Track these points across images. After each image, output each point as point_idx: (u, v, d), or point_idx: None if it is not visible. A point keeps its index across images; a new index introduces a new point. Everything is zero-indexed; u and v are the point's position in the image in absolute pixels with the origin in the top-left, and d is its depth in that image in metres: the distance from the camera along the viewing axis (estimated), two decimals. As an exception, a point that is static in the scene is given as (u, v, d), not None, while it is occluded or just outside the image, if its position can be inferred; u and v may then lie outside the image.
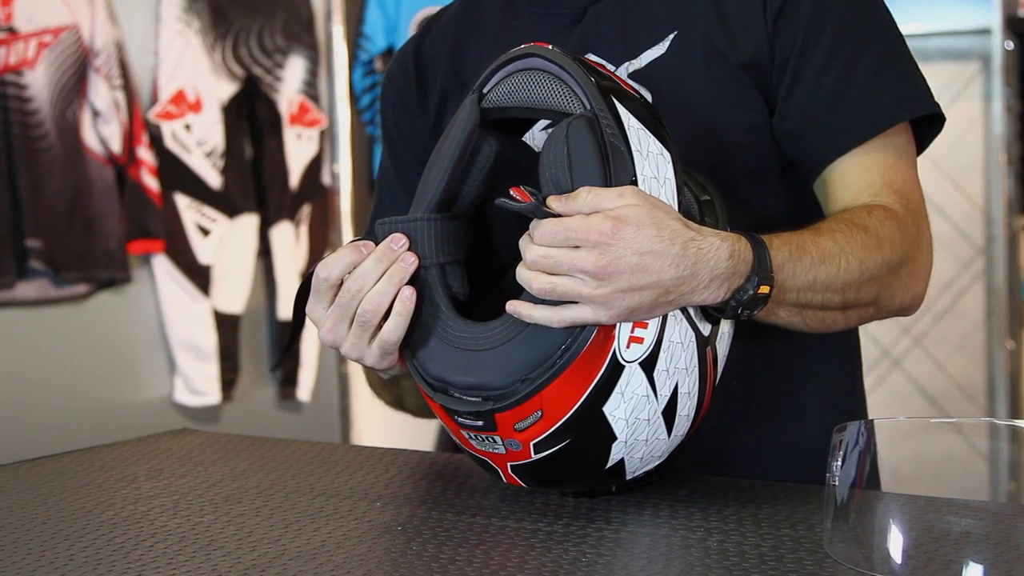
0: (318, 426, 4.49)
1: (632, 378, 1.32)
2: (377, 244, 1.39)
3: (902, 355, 5.00)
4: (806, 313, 1.44)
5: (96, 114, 3.73)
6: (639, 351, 1.31)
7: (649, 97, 1.57)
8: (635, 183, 1.30)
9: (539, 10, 1.70)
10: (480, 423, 1.34)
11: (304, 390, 4.40)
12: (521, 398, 1.30)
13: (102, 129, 3.74)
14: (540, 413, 1.31)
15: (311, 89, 4.40)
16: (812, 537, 1.28)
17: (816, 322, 1.46)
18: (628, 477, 1.42)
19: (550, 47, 1.39)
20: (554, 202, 1.28)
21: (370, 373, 1.56)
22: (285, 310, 4.30)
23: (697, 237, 1.30)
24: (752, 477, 1.54)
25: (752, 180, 1.59)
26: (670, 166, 1.35)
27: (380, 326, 1.38)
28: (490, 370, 1.32)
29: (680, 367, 1.36)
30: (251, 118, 4.23)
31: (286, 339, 4.28)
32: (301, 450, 1.84)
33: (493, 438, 1.35)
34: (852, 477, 1.20)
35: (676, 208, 1.33)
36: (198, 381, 4.05)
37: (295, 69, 4.34)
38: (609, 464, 1.38)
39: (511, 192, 1.29)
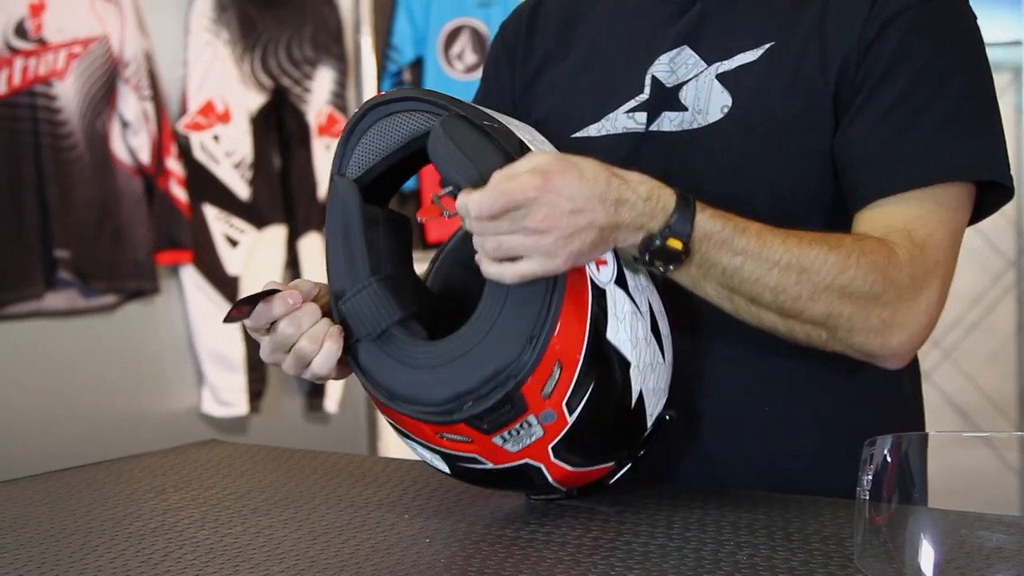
0: (346, 437, 4.49)
1: (616, 298, 1.39)
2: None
3: (932, 368, 4.98)
4: (736, 300, 1.43)
5: (125, 125, 3.75)
6: (609, 271, 1.40)
7: (693, 101, 1.60)
8: (522, 144, 1.39)
9: None
10: (510, 409, 1.35)
11: (332, 401, 4.41)
12: (536, 357, 1.33)
13: (131, 140, 3.76)
14: (559, 365, 1.34)
15: (339, 100, 4.40)
16: (843, 551, 1.28)
17: (749, 316, 1.45)
18: (649, 423, 1.46)
19: (382, 93, 1.50)
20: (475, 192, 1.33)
21: None
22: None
23: (617, 174, 1.36)
24: (808, 492, 1.53)
25: (809, 204, 1.57)
26: (539, 135, 1.47)
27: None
28: (495, 353, 1.35)
29: (644, 284, 1.45)
30: (279, 129, 4.24)
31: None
32: (329, 461, 1.85)
33: (527, 421, 1.36)
34: (883, 491, 1.19)
35: None
36: (226, 392, 4.05)
37: (324, 80, 4.35)
38: (633, 400, 1.41)
39: (431, 208, 1.39)
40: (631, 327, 1.40)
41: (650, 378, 1.43)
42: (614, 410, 1.41)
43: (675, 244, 1.36)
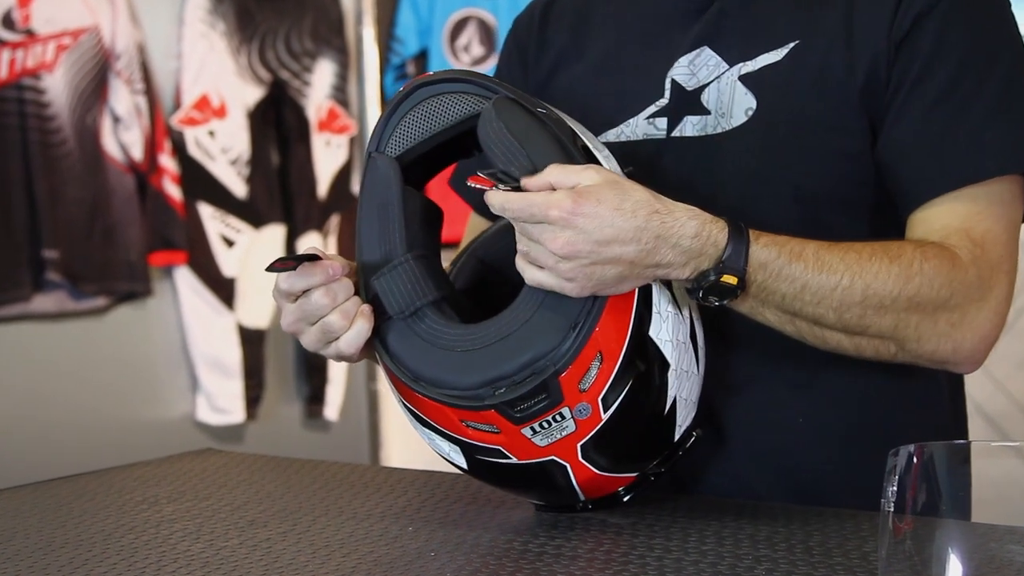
0: (347, 446, 4.49)
1: (661, 296, 1.40)
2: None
3: (960, 374, 4.97)
4: (799, 323, 1.45)
5: (116, 120, 3.75)
6: None
7: (716, 104, 1.60)
8: (577, 139, 1.41)
9: None
10: (544, 399, 1.35)
11: (332, 408, 4.41)
12: (579, 346, 1.34)
13: (123, 135, 3.76)
14: (600, 357, 1.35)
15: (341, 94, 4.41)
16: (866, 566, 1.28)
17: (814, 337, 1.47)
18: (677, 435, 1.47)
19: (431, 72, 1.49)
20: (526, 181, 1.36)
21: None
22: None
23: (662, 210, 1.36)
24: (838, 506, 1.53)
25: (840, 207, 1.57)
26: (587, 130, 1.48)
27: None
28: (535, 339, 1.36)
29: (684, 290, 1.44)
30: (278, 124, 4.24)
31: (313, 356, 4.29)
32: (329, 471, 1.85)
33: (561, 413, 1.36)
34: (908, 502, 1.19)
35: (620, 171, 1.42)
36: (221, 399, 4.06)
37: (324, 73, 4.35)
38: (667, 406, 1.42)
39: (470, 184, 1.38)
40: (673, 327, 1.41)
41: (684, 386, 1.44)
42: (648, 413, 1.43)
43: (729, 280, 1.38)
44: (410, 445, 1.49)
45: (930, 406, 1.66)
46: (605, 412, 1.38)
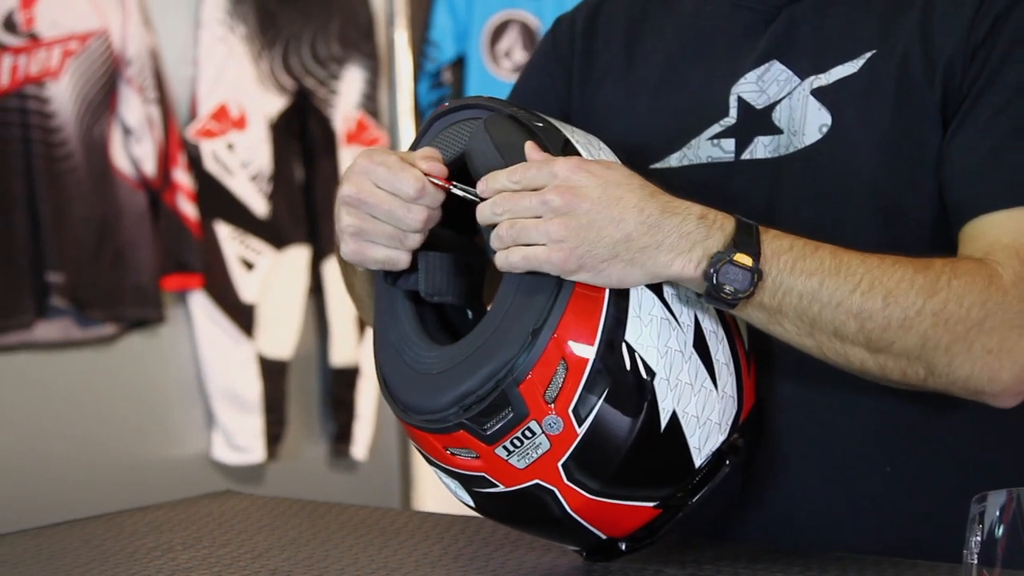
0: (376, 488, 4.49)
1: (643, 298, 1.40)
2: None
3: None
4: (818, 335, 1.43)
5: (127, 131, 3.77)
6: None
7: (788, 122, 1.60)
8: (569, 145, 1.44)
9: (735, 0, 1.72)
10: (509, 412, 1.37)
11: (360, 447, 4.41)
12: (536, 353, 1.36)
13: (134, 148, 3.78)
14: (564, 363, 1.36)
15: (370, 104, 4.42)
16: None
17: (835, 354, 1.45)
18: (698, 459, 1.44)
19: (446, 103, 1.58)
20: (502, 174, 1.41)
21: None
22: (339, 355, 4.32)
23: (663, 194, 1.40)
24: (912, 555, 1.52)
25: (930, 233, 1.56)
26: (602, 143, 1.51)
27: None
28: (497, 349, 1.38)
29: (690, 297, 1.44)
30: (302, 136, 4.26)
31: (340, 389, 4.31)
32: (358, 516, 1.85)
33: (530, 428, 1.37)
34: (997, 554, 1.19)
35: None
36: (240, 436, 4.06)
37: (353, 81, 4.36)
38: (663, 421, 1.40)
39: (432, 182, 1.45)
40: (659, 333, 1.40)
41: (691, 401, 1.42)
42: (638, 429, 1.41)
43: (743, 260, 1.37)
44: (445, 488, 1.49)
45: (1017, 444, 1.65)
46: (580, 426, 1.37)
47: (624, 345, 1.38)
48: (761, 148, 1.61)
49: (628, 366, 1.39)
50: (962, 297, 1.42)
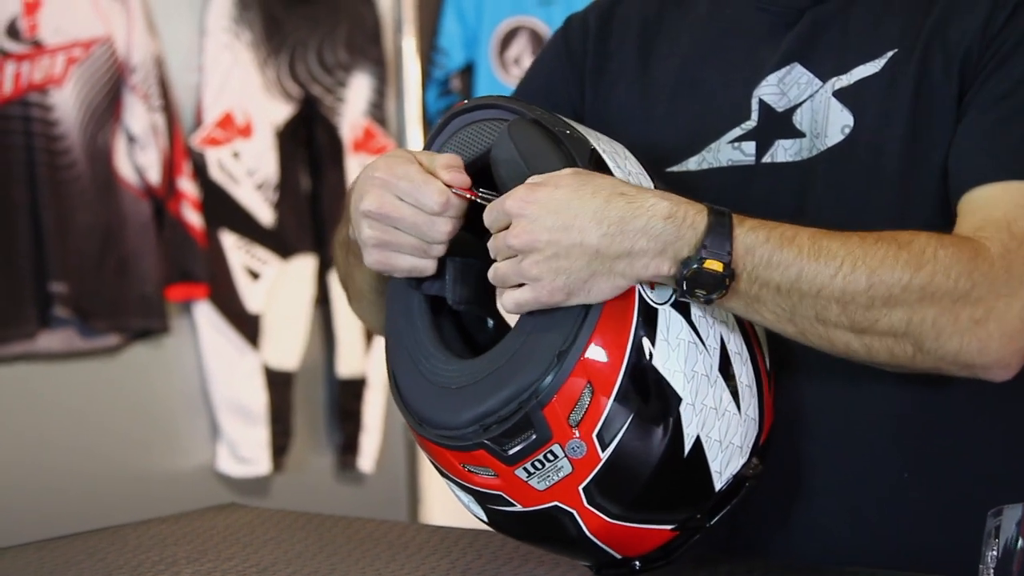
0: (383, 500, 4.49)
1: (671, 321, 1.39)
2: None
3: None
4: (800, 321, 1.42)
5: (132, 139, 3.77)
6: (666, 292, 1.39)
7: (810, 125, 1.60)
8: (595, 154, 1.43)
9: (755, 2, 1.72)
10: (532, 435, 1.35)
11: (367, 459, 4.41)
12: (563, 376, 1.34)
13: (138, 157, 3.78)
14: (589, 387, 1.35)
15: (378, 111, 4.42)
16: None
17: (818, 338, 1.44)
18: (718, 483, 1.44)
19: (466, 101, 1.56)
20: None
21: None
22: (345, 366, 4.32)
23: (628, 192, 1.37)
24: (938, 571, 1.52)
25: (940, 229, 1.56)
26: (627, 150, 1.50)
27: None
28: (521, 369, 1.37)
29: (718, 317, 1.43)
30: (309, 145, 4.26)
31: (347, 400, 4.31)
32: (364, 529, 1.85)
33: (552, 451, 1.36)
34: (1015, 569, 1.18)
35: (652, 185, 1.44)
36: (245, 447, 4.06)
37: (360, 88, 4.36)
38: (687, 447, 1.40)
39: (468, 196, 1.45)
40: (686, 357, 1.39)
41: (715, 425, 1.42)
42: (661, 454, 1.40)
43: (713, 266, 1.36)
44: (453, 500, 1.49)
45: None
46: (603, 451, 1.37)
47: (651, 370, 1.38)
48: (782, 151, 1.61)
49: (654, 392, 1.38)
50: (949, 268, 1.41)
